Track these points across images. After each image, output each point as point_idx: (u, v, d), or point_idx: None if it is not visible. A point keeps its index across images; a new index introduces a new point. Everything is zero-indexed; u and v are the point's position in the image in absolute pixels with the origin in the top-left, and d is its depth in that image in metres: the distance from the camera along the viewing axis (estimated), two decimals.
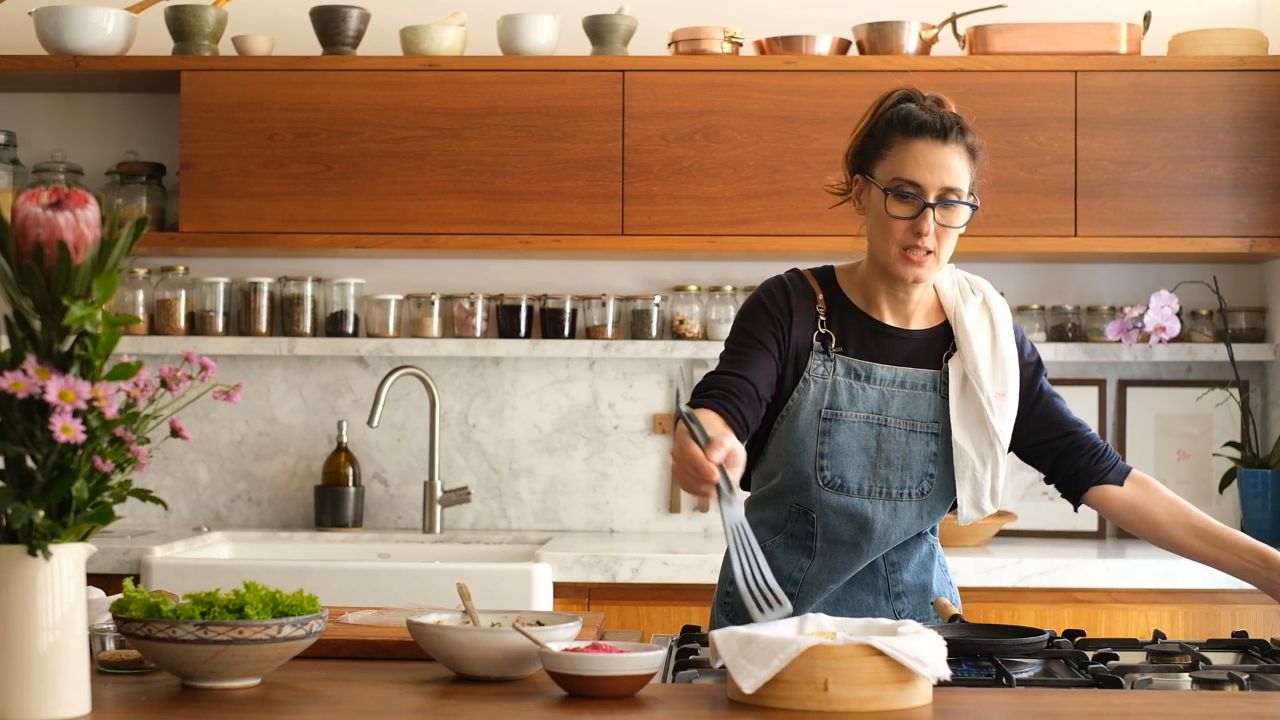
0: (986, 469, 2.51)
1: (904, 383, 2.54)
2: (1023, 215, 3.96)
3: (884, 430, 2.52)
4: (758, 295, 2.59)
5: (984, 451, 2.51)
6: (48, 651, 1.78)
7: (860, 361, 2.53)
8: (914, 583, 2.59)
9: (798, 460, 2.52)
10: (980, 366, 2.51)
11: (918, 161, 2.44)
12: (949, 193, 2.44)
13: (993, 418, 2.50)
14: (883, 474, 2.52)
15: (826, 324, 2.55)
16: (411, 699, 2.02)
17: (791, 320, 2.55)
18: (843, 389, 2.52)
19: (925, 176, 2.43)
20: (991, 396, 2.51)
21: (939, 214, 2.43)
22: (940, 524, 3.83)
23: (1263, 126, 3.94)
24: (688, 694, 2.03)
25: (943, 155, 2.44)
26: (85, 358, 1.80)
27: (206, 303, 4.26)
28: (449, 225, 4.00)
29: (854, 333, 2.55)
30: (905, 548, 2.59)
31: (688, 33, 4.05)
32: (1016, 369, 2.56)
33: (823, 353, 2.54)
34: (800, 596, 2.56)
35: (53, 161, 4.25)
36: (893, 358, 2.54)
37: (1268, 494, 3.96)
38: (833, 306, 2.56)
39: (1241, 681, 2.11)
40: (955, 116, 2.49)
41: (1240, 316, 4.22)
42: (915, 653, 1.90)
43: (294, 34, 4.23)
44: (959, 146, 2.46)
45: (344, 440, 4.26)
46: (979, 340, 2.53)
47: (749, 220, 3.96)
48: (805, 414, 2.52)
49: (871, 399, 2.52)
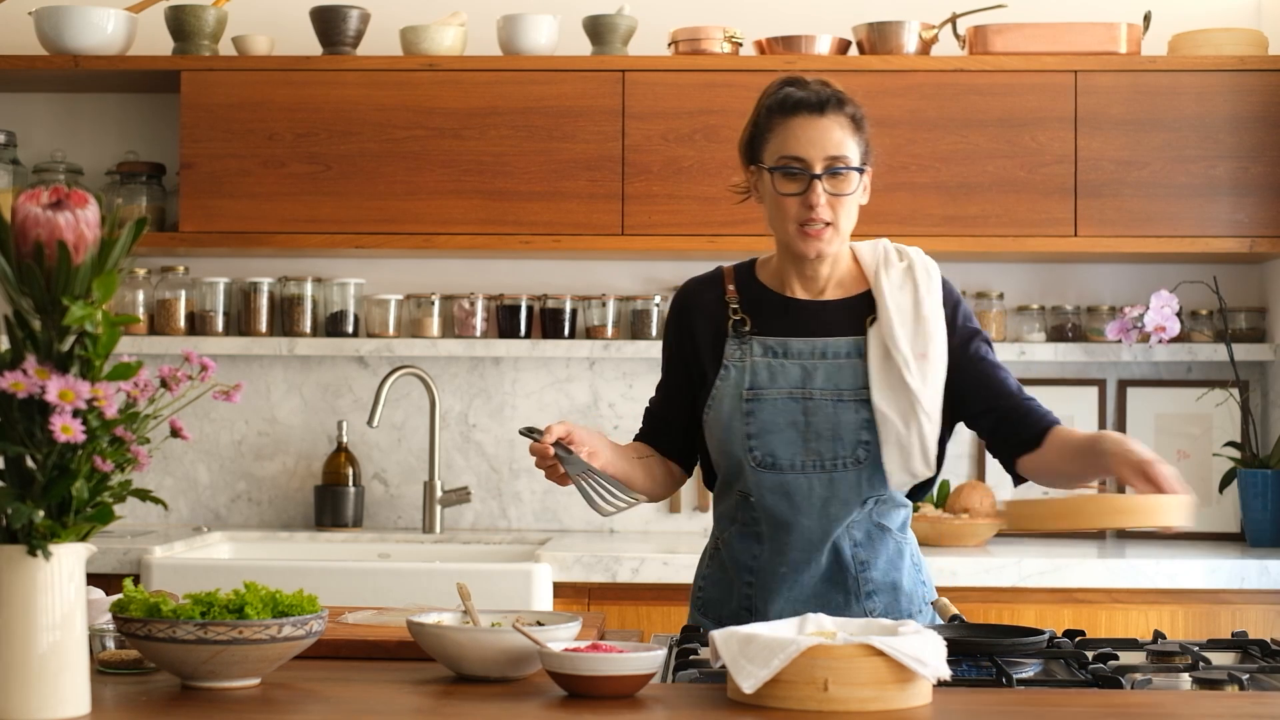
0: (911, 432, 2.51)
1: (824, 353, 2.57)
2: (1023, 215, 3.96)
3: (810, 403, 2.54)
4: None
5: (906, 414, 2.51)
6: (48, 651, 1.78)
7: (775, 339, 2.58)
8: (884, 581, 2.58)
9: (729, 446, 2.57)
10: (896, 329, 2.54)
11: (798, 137, 2.51)
12: (834, 161, 2.50)
13: (910, 379, 2.51)
14: (814, 447, 2.54)
15: (740, 309, 2.61)
16: (411, 699, 2.02)
17: (692, 321, 2.64)
18: (762, 369, 2.57)
19: (808, 150, 2.50)
20: (909, 358, 2.52)
21: (828, 184, 2.50)
22: (939, 524, 3.86)
23: (1263, 126, 3.94)
24: (688, 694, 2.03)
25: (821, 127, 2.50)
26: (85, 358, 1.80)
27: (206, 303, 4.26)
28: (449, 225, 4.00)
29: (767, 313, 2.60)
30: (871, 545, 2.58)
31: (688, 33, 4.05)
32: (942, 332, 2.56)
33: (737, 337, 2.59)
34: (758, 585, 2.58)
35: (53, 161, 4.25)
36: (808, 330, 2.58)
37: (1268, 494, 3.96)
38: (745, 292, 2.63)
39: (1241, 681, 2.11)
40: (833, 91, 2.54)
41: (1240, 316, 4.22)
42: (915, 653, 1.90)
43: (294, 34, 4.23)
44: (838, 116, 2.52)
45: (344, 440, 4.26)
46: (896, 303, 2.56)
47: (749, 220, 3.94)
48: (728, 399, 2.57)
49: (793, 374, 2.56)
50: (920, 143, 3.97)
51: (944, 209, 3.96)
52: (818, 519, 2.55)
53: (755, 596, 2.58)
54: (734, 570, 2.62)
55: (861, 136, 2.54)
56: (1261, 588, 3.63)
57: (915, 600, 2.61)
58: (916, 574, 2.63)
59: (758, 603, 2.58)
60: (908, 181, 3.96)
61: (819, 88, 2.55)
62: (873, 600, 2.58)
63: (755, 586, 2.58)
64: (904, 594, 2.60)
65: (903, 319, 2.54)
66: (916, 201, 3.96)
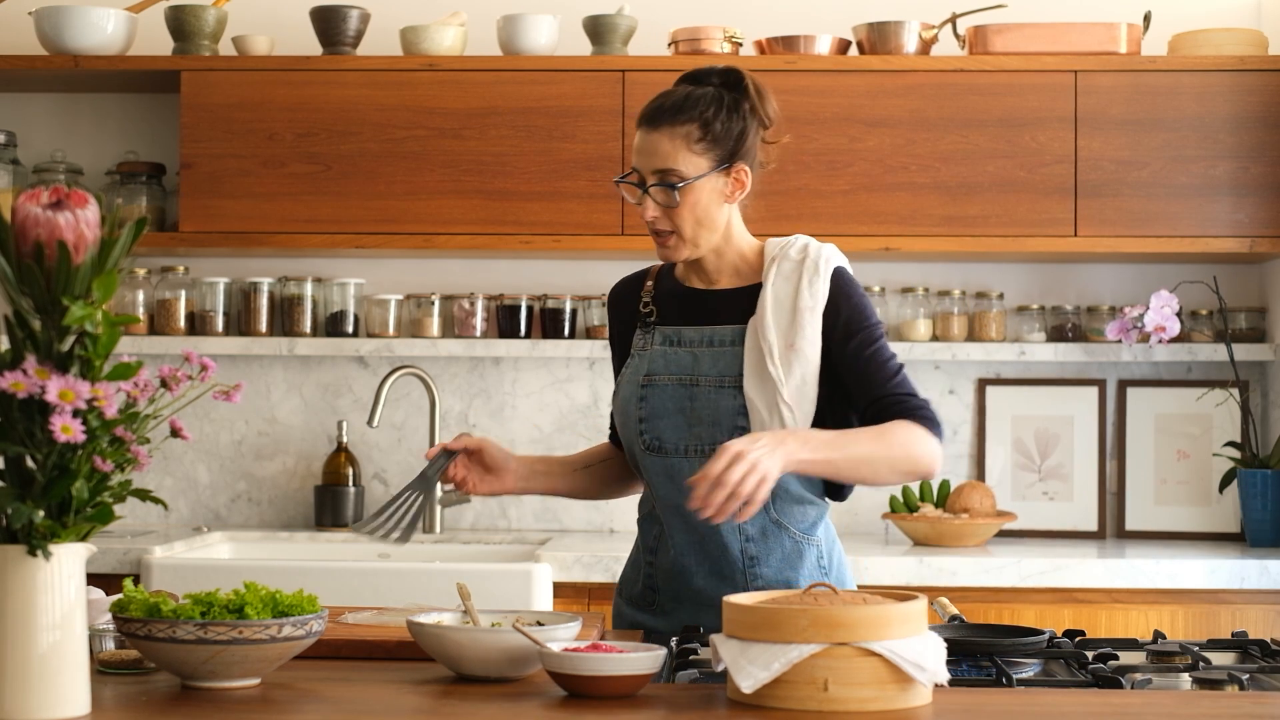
0: (774, 420, 2.52)
1: (711, 341, 2.61)
2: (1023, 215, 3.96)
3: (695, 389, 2.58)
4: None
5: (770, 403, 2.53)
6: (48, 651, 1.78)
7: (672, 328, 2.64)
8: (776, 579, 2.59)
9: (627, 431, 2.63)
10: (767, 317, 2.56)
11: (635, 150, 2.57)
12: (661, 176, 2.53)
13: (772, 368, 2.53)
14: (697, 431, 2.57)
15: (651, 303, 2.68)
16: (411, 699, 2.02)
17: (618, 317, 2.73)
18: (659, 357, 2.62)
19: (639, 162, 2.56)
20: (775, 347, 2.54)
21: (658, 195, 2.54)
22: (939, 524, 3.85)
23: (1263, 126, 3.94)
24: (688, 694, 2.03)
25: (651, 141, 2.54)
26: (85, 358, 1.80)
27: (206, 303, 4.26)
28: (449, 225, 4.00)
29: (672, 304, 2.67)
30: (765, 542, 2.58)
31: (688, 33, 4.05)
32: (816, 326, 2.55)
33: (643, 328, 2.67)
34: (657, 565, 2.64)
35: (53, 161, 4.25)
36: (701, 318, 2.63)
37: (1268, 494, 3.96)
38: (660, 286, 2.70)
39: (1241, 681, 2.11)
40: (683, 96, 2.55)
41: (1240, 316, 4.22)
42: (915, 657, 1.90)
43: (294, 34, 4.23)
44: (673, 128, 2.53)
45: (344, 440, 4.26)
46: (775, 294, 2.57)
47: (748, 220, 3.92)
48: (627, 385, 2.64)
49: (684, 361, 2.60)
50: (920, 143, 3.97)
51: (944, 209, 3.96)
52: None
53: (656, 577, 2.65)
54: (640, 550, 2.69)
55: (714, 140, 2.54)
56: (1261, 588, 3.63)
57: None
58: (820, 576, 2.62)
59: (658, 582, 2.65)
60: (908, 181, 3.96)
61: (678, 93, 2.56)
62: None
63: (655, 567, 2.65)
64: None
65: (778, 309, 2.56)
66: (916, 201, 3.96)
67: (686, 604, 2.61)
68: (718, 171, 2.55)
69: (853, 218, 3.98)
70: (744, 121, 2.57)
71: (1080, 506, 4.23)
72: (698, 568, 2.60)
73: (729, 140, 2.55)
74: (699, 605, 2.59)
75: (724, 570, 2.59)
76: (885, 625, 1.90)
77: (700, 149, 2.53)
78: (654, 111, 2.55)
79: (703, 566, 2.60)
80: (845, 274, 2.60)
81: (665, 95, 2.57)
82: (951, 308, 4.23)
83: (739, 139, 2.56)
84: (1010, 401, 4.27)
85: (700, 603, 2.59)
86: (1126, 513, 4.23)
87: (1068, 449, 4.25)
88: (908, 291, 4.25)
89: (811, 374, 2.54)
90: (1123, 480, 4.24)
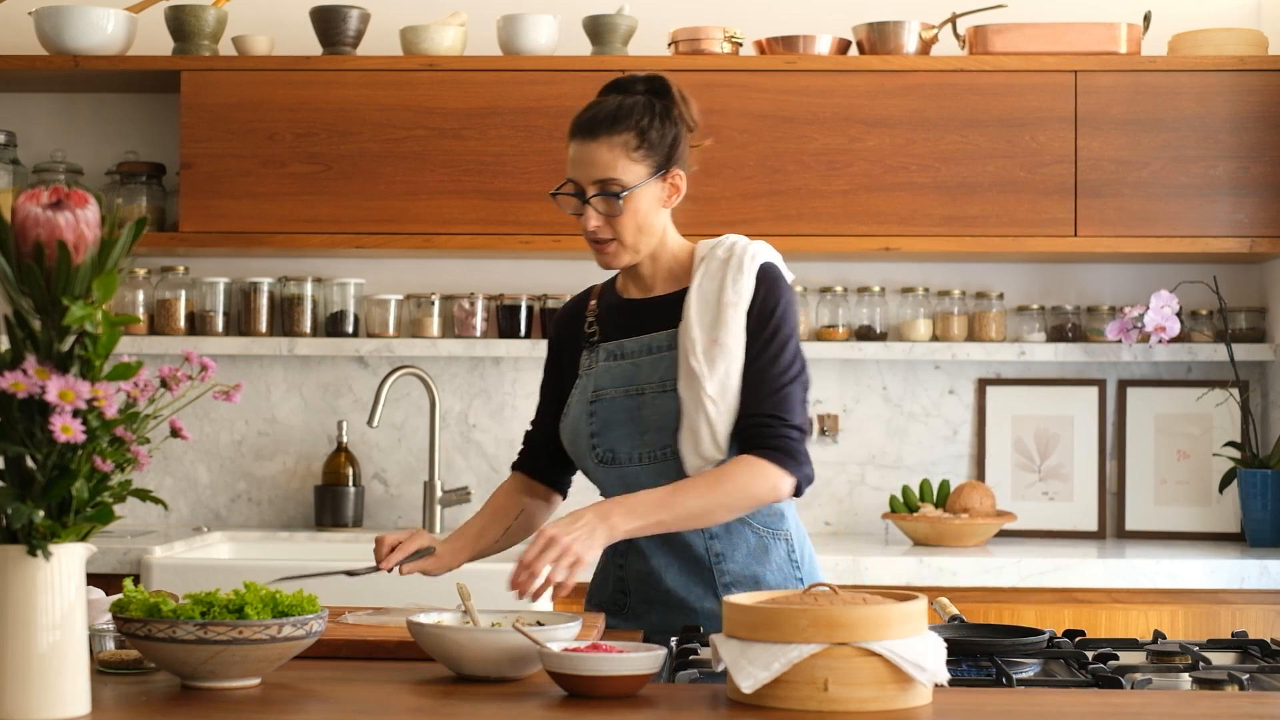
0: (699, 415, 2.54)
1: (650, 348, 2.63)
2: (1023, 215, 3.96)
3: (642, 398, 2.61)
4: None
5: (695, 398, 2.55)
6: (48, 651, 1.78)
7: (614, 342, 2.67)
8: (743, 573, 2.62)
9: (577, 449, 2.66)
10: (691, 314, 2.58)
11: (572, 161, 2.60)
12: (603, 185, 2.56)
13: (695, 363, 2.55)
14: (648, 438, 2.60)
15: (594, 321, 2.71)
16: (411, 699, 2.02)
17: (560, 345, 2.76)
18: (604, 372, 2.65)
19: (578, 173, 2.59)
20: (698, 342, 2.56)
21: (600, 205, 2.56)
22: (939, 524, 3.85)
23: (1263, 126, 3.94)
24: (688, 694, 2.03)
25: (589, 151, 2.57)
26: (85, 358, 1.80)
27: (206, 303, 4.26)
28: (449, 225, 4.00)
29: (612, 318, 2.70)
30: (729, 538, 2.61)
31: (688, 33, 4.05)
32: (740, 320, 2.56)
33: (588, 349, 2.70)
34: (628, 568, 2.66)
35: (53, 161, 4.25)
36: (639, 328, 2.65)
37: (1268, 494, 3.96)
38: (602, 303, 2.74)
39: (1241, 681, 2.11)
40: (614, 107, 2.58)
41: (1240, 316, 4.22)
42: (915, 657, 1.90)
43: (294, 34, 4.23)
44: (610, 138, 2.56)
45: (344, 440, 4.26)
46: (701, 292, 2.59)
47: (749, 220, 3.96)
48: (577, 405, 2.67)
49: (627, 372, 2.63)
50: (920, 143, 3.97)
51: (944, 209, 3.96)
52: None
53: (627, 580, 2.67)
54: (610, 557, 2.70)
55: (650, 147, 2.57)
56: (1261, 588, 3.63)
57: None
58: (791, 570, 2.66)
59: (629, 585, 2.67)
60: (908, 181, 3.96)
61: (610, 102, 2.59)
62: (731, 592, 2.61)
63: (625, 570, 2.67)
64: (766, 588, 2.62)
65: (703, 307, 2.58)
66: (916, 201, 3.96)
67: (658, 606, 2.65)
68: (656, 178, 2.59)
69: (853, 218, 3.98)
70: (676, 128, 2.62)
71: (1080, 506, 4.23)
72: (667, 568, 2.63)
73: (664, 147, 2.59)
74: (669, 607, 2.63)
75: (692, 569, 2.62)
76: (885, 625, 1.91)
77: (639, 156, 2.57)
78: (589, 122, 2.58)
79: (672, 566, 2.63)
80: (771, 271, 2.62)
81: (597, 106, 2.60)
82: (951, 308, 4.23)
83: (673, 145, 2.61)
84: (1010, 401, 4.27)
85: (670, 604, 2.63)
86: (1126, 513, 4.23)
87: (1068, 449, 4.25)
88: (908, 291, 4.25)
89: (737, 369, 2.56)
90: (1123, 480, 4.24)
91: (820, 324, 4.25)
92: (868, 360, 4.27)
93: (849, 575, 3.63)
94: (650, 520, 2.46)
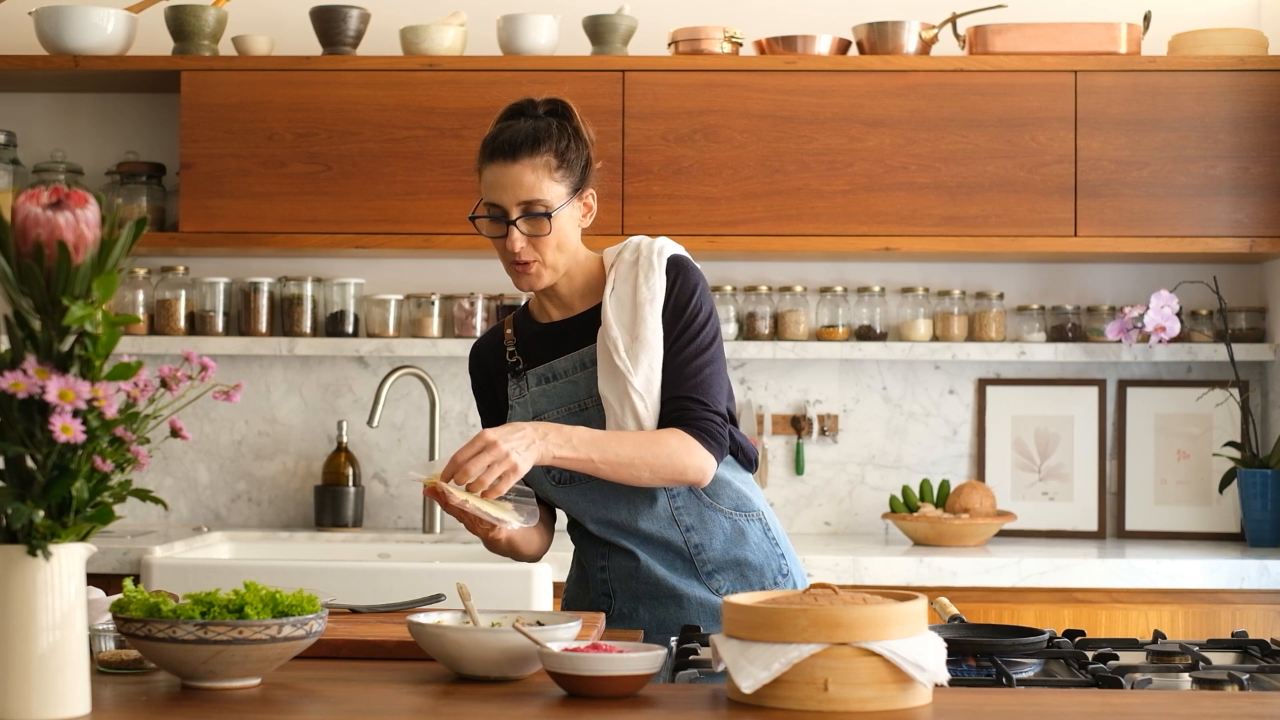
0: (625, 410, 2.57)
1: (583, 364, 2.66)
2: (1023, 215, 3.96)
3: (586, 413, 2.63)
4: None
5: (621, 394, 2.58)
6: (48, 651, 1.78)
7: (544, 366, 2.68)
8: (725, 559, 2.66)
9: (532, 475, 2.63)
10: (609, 313, 2.61)
11: (493, 185, 2.59)
12: (528, 206, 2.58)
13: (618, 359, 2.58)
14: None
15: (515, 351, 2.72)
16: (411, 699, 2.02)
17: (482, 381, 2.76)
18: (540, 397, 2.67)
19: (501, 196, 2.59)
20: (619, 339, 2.59)
21: (525, 226, 2.58)
22: (939, 524, 3.86)
23: (1263, 126, 3.95)
24: (688, 694, 2.03)
25: (513, 174, 2.58)
26: (85, 358, 1.80)
27: (206, 303, 4.26)
28: (449, 225, 4.00)
29: (534, 345, 2.71)
30: (705, 527, 2.65)
31: (688, 33, 4.05)
32: (657, 315, 2.60)
33: (515, 379, 2.71)
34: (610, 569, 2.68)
35: (53, 161, 4.25)
36: (569, 347, 2.67)
37: (1268, 494, 3.97)
38: (520, 333, 2.74)
39: (1241, 681, 2.11)
40: (532, 128, 2.61)
41: (1240, 316, 4.22)
42: (915, 657, 1.90)
43: (294, 34, 4.23)
44: (532, 159, 2.58)
45: (344, 440, 4.26)
46: (616, 293, 2.63)
47: (749, 220, 3.96)
48: None
49: (566, 392, 2.66)
50: (920, 143, 3.97)
51: (944, 209, 3.96)
52: (627, 513, 2.64)
53: (610, 582, 2.69)
54: (591, 560, 2.72)
55: (569, 168, 2.60)
56: (1261, 588, 3.63)
57: (768, 574, 2.69)
58: (771, 548, 2.70)
59: (614, 586, 2.69)
60: (908, 181, 3.96)
61: (524, 125, 2.61)
62: (716, 579, 2.66)
63: (608, 572, 2.69)
64: (753, 569, 2.68)
65: (619, 307, 2.61)
66: (916, 201, 3.96)
67: (645, 600, 2.67)
68: (575, 198, 2.62)
69: (853, 218, 3.98)
70: (586, 149, 2.65)
71: (1080, 506, 4.23)
72: (652, 561, 2.66)
73: (579, 167, 2.63)
74: (658, 599, 2.66)
75: (676, 561, 2.66)
76: (885, 625, 1.91)
77: (559, 177, 2.59)
78: (509, 145, 2.59)
79: (656, 558, 2.66)
80: (680, 262, 2.66)
81: (511, 129, 2.61)
82: (951, 308, 4.24)
83: (586, 166, 2.64)
84: (1010, 401, 4.27)
85: (660, 595, 2.66)
86: (1126, 513, 4.23)
87: (1068, 449, 4.25)
88: (908, 291, 4.25)
89: (659, 363, 2.59)
90: (1123, 480, 4.24)
91: (820, 324, 4.25)
92: (868, 360, 4.27)
93: (849, 575, 3.63)
94: (582, 454, 2.47)
